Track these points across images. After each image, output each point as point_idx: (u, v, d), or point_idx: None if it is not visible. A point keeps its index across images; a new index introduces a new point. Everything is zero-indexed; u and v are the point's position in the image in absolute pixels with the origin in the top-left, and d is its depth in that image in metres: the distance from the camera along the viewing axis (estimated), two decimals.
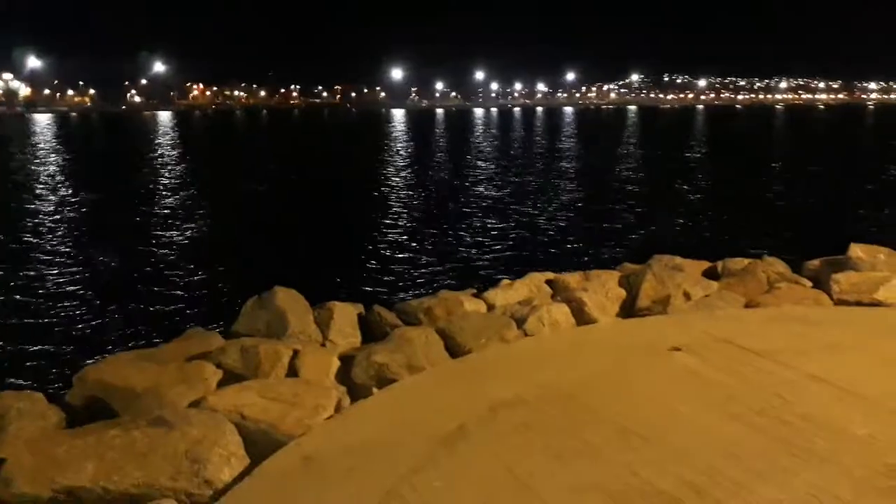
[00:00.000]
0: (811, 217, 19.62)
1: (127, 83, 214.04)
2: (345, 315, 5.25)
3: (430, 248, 15.73)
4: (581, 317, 5.47)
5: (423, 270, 13.25)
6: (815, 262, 6.70)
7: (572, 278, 6.28)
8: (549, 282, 6.33)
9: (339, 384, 4.36)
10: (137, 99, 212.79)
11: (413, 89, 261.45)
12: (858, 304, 5.67)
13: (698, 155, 44.24)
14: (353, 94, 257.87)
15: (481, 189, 26.88)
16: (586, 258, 13.69)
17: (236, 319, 5.18)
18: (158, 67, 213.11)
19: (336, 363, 4.48)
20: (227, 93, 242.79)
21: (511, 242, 16.22)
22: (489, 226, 18.56)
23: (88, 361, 4.53)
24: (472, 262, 14.03)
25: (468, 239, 16.65)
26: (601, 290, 5.90)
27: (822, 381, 4.07)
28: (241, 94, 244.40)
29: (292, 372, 4.32)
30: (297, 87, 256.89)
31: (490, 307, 5.80)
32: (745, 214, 20.35)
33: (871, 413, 3.64)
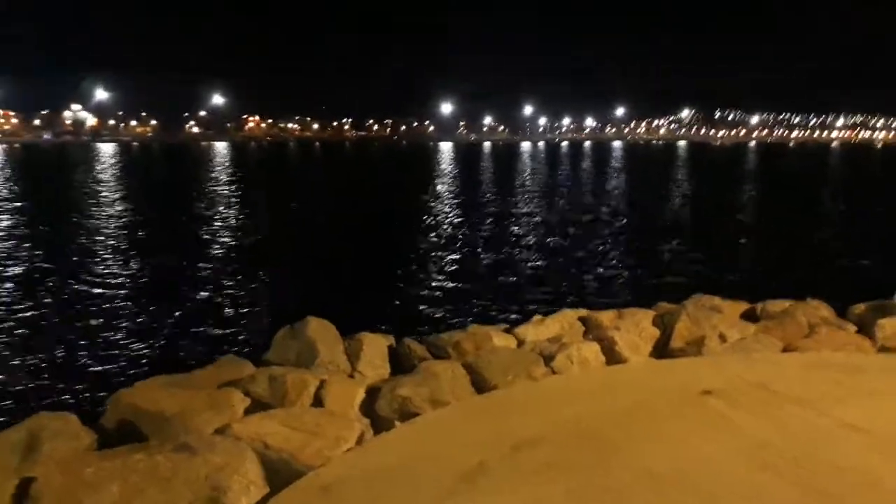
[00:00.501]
0: (863, 260, 18.93)
1: (186, 114, 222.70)
2: (375, 346, 5.30)
3: (466, 281, 15.70)
4: (612, 356, 5.40)
5: (458, 303, 13.22)
6: (861, 307, 6.50)
7: (606, 316, 6.20)
8: (581, 319, 6.26)
9: (364, 416, 4.39)
10: (196, 130, 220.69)
11: (461, 123, 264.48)
12: None
13: (747, 193, 43.35)
14: (404, 128, 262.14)
15: (521, 223, 26.82)
16: (625, 296, 13.48)
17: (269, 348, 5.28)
18: (217, 99, 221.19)
19: (361, 394, 4.51)
20: (282, 125, 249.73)
21: (549, 278, 16.08)
22: (528, 260, 18.46)
23: (124, 384, 4.64)
24: (508, 297, 13.92)
25: (505, 273, 16.59)
26: (634, 329, 5.83)
27: (859, 431, 3.92)
28: (295, 126, 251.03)
29: (318, 402, 4.37)
30: (350, 120, 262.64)
31: (520, 343, 5.77)
32: (793, 255, 19.78)
33: None
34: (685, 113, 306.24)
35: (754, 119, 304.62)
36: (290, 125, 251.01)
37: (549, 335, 5.87)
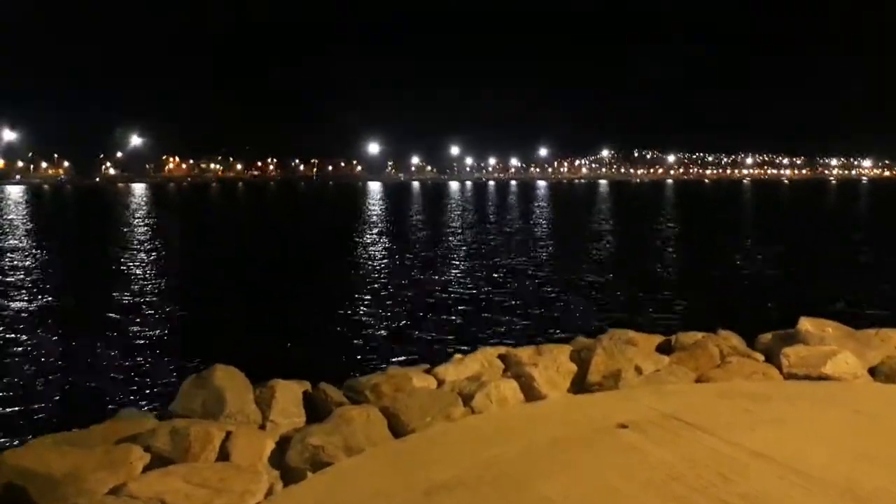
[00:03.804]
0: (771, 290, 19.86)
1: (101, 155, 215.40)
2: (288, 393, 5.11)
3: (388, 322, 15.47)
4: (530, 392, 5.38)
5: (379, 346, 12.99)
6: (768, 336, 6.74)
7: (525, 353, 6.20)
8: (501, 356, 6.24)
9: (275, 468, 4.20)
10: (112, 171, 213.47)
11: (389, 163, 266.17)
12: (807, 378, 5.68)
13: (663, 229, 45.01)
14: (331, 168, 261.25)
15: (444, 262, 26.83)
16: (544, 332, 13.61)
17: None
18: (135, 140, 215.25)
19: (271, 445, 4.32)
20: (203, 165, 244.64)
21: (472, 317, 16.05)
22: (450, 299, 18.39)
23: (13, 445, 4.31)
24: (430, 338, 13.77)
25: (427, 313, 16.41)
26: (552, 364, 5.84)
27: (765, 458, 4.02)
28: (218, 167, 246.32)
29: (225, 455, 4.15)
30: (274, 160, 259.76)
31: (440, 383, 5.68)
32: (705, 289, 20.55)
33: (811, 490, 3.58)
34: (605, 153, 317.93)
35: (671, 157, 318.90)
36: (212, 165, 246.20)
37: (468, 374, 5.81)
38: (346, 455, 4.20)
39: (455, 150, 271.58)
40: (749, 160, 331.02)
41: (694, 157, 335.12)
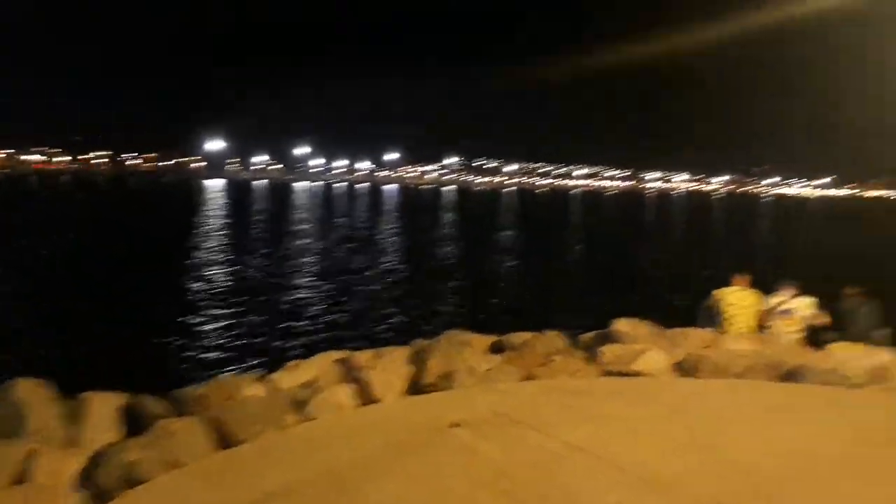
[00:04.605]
0: (594, 293, 21.36)
1: None
2: (103, 407, 4.70)
3: (217, 329, 14.67)
4: (366, 396, 5.37)
5: (208, 354, 12.33)
6: (589, 335, 7.24)
7: (363, 356, 6.17)
8: (340, 361, 6.17)
9: (85, 489, 3.85)
10: None
11: (233, 160, 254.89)
12: (621, 374, 6.15)
13: (499, 236, 46.87)
14: (172, 162, 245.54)
15: (281, 267, 26.05)
16: (387, 336, 13.70)
17: None
18: None
19: (81, 463, 3.95)
20: (22, 157, 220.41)
21: (311, 323, 15.75)
22: (289, 305, 17.89)
23: None
24: (264, 345, 13.33)
25: (262, 319, 15.81)
26: (391, 367, 5.87)
27: (583, 451, 4.28)
28: (38, 158, 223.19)
29: (26, 477, 3.75)
30: (106, 153, 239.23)
31: (274, 391, 5.51)
32: (537, 291, 21.73)
33: (621, 481, 3.87)
34: (452, 160, 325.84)
35: (508, 167, 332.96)
36: (31, 157, 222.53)
37: (304, 380, 5.69)
38: (164, 471, 3.95)
39: (303, 150, 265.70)
40: (579, 172, 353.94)
41: (530, 167, 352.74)
